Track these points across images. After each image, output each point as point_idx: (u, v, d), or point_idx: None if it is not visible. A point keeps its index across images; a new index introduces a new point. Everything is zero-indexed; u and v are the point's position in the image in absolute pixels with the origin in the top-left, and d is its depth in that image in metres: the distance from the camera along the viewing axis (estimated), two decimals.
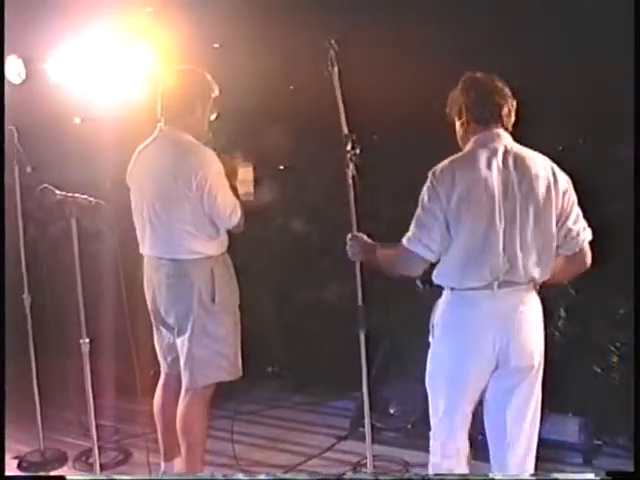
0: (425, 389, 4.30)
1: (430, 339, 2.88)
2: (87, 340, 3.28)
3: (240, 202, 3.46)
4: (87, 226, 3.91)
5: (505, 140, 2.80)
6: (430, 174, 2.77)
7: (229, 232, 3.52)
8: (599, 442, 3.91)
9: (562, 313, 4.23)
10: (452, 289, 2.79)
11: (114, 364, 4.16)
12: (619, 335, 4.19)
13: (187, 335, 3.40)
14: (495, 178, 2.70)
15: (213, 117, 3.48)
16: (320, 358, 4.93)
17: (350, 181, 3.51)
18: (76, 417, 4.18)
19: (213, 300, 3.39)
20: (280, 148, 4.87)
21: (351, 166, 3.50)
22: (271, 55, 4.32)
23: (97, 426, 3.32)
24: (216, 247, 3.45)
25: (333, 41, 3.52)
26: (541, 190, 2.71)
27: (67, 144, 4.70)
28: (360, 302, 3.49)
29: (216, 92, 3.44)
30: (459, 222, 2.71)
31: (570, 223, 2.78)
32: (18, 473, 3.80)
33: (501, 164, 2.73)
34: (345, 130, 3.53)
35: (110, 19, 4.22)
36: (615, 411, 3.97)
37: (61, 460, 4.09)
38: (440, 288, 2.86)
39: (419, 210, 2.78)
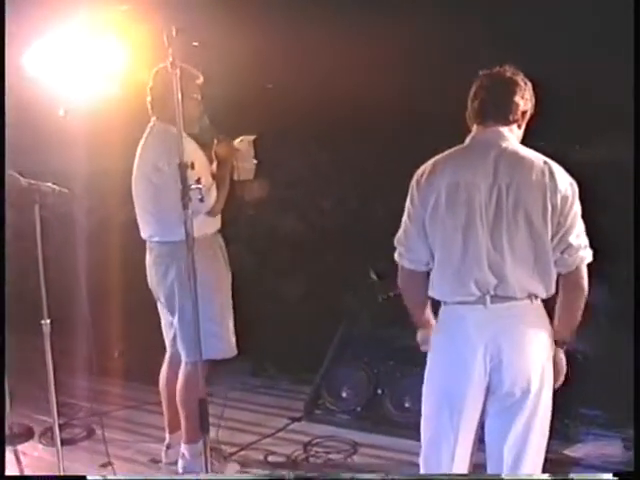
0: (374, 373, 4.52)
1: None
2: (48, 321, 3.43)
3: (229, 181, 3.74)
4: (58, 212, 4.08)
5: (502, 140, 2.55)
6: (415, 175, 2.63)
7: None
8: None
9: None
10: (445, 302, 2.60)
11: (81, 345, 4.35)
12: None
13: (177, 314, 3.66)
14: (479, 183, 2.48)
15: (199, 98, 3.69)
16: (278, 342, 5.13)
17: None
18: (44, 395, 4.36)
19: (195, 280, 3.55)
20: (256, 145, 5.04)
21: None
22: (247, 53, 4.48)
23: (64, 404, 3.46)
24: (198, 229, 3.47)
25: (174, 32, 2.89)
26: (533, 197, 2.46)
27: (42, 135, 4.89)
28: None
29: (200, 79, 3.68)
30: (435, 230, 2.54)
31: (571, 237, 2.49)
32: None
33: (490, 167, 2.49)
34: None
35: (83, 17, 4.39)
36: None
37: (27, 435, 4.29)
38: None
39: (404, 215, 2.65)
